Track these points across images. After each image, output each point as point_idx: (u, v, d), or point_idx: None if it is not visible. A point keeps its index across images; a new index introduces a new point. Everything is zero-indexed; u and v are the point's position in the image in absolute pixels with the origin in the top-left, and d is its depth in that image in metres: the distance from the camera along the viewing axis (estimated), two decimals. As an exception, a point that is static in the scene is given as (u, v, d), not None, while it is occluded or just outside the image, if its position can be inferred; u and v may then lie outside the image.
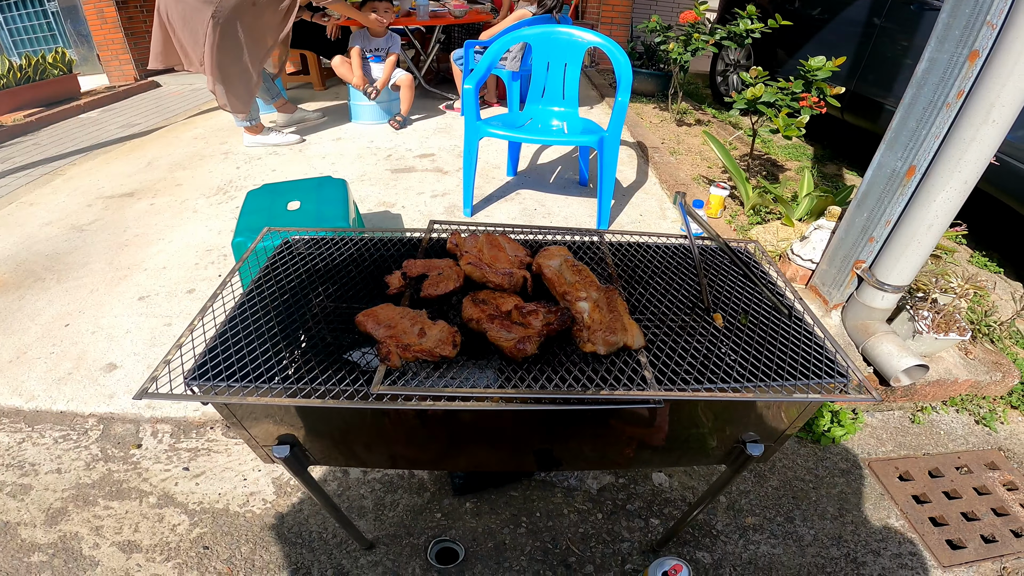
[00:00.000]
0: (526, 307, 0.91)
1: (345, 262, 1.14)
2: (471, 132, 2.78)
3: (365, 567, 1.50)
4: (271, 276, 1.07)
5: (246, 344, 0.90)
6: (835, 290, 2.24)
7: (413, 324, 0.89)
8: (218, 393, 0.82)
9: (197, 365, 0.85)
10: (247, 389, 0.82)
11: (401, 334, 0.87)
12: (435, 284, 0.98)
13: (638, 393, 0.82)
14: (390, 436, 0.97)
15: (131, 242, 2.90)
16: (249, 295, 1.01)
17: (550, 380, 0.84)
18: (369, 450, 1.01)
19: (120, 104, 5.71)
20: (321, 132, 4.50)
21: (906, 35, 3.26)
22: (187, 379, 0.83)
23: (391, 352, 0.83)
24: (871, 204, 1.96)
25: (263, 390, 0.81)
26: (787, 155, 4.28)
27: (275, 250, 1.16)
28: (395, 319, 0.90)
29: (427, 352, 0.83)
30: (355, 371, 0.85)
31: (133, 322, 2.30)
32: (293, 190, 2.25)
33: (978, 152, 1.60)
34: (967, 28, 1.56)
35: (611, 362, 0.90)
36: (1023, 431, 2.07)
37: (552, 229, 1.27)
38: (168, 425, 1.88)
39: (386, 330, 0.88)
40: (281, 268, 1.11)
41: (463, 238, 1.11)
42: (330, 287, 1.06)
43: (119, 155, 4.12)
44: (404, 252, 1.19)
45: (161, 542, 1.55)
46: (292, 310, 0.99)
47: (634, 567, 1.52)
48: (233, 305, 0.98)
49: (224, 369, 0.85)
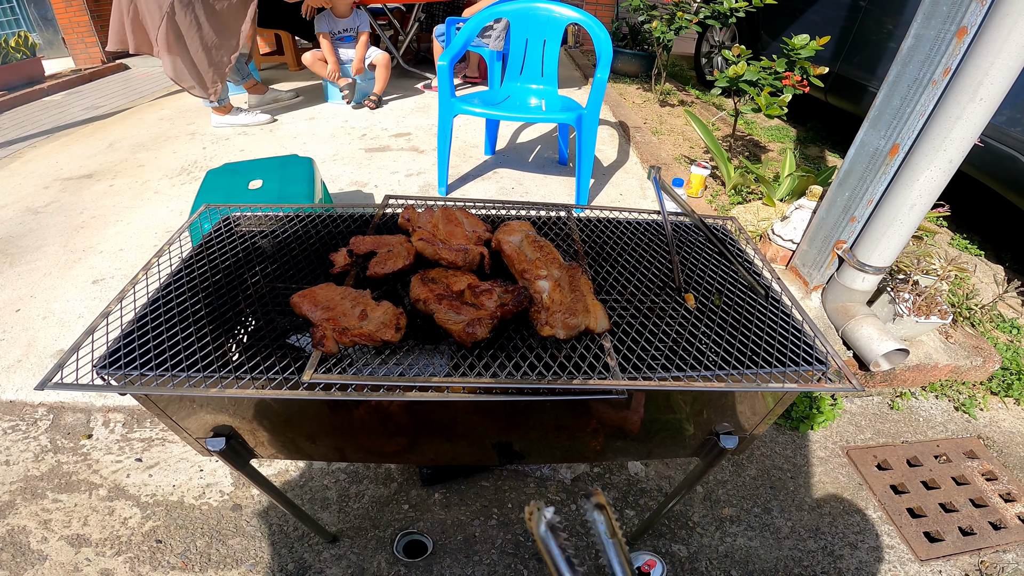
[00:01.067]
0: (480, 286, 0.83)
1: (288, 240, 1.05)
2: (445, 109, 2.67)
3: (328, 561, 1.44)
4: (203, 255, 0.97)
5: (167, 329, 0.81)
6: (815, 271, 2.19)
7: (354, 306, 0.80)
8: (132, 382, 0.73)
9: (109, 352, 0.76)
10: (167, 377, 0.73)
11: (340, 316, 0.78)
12: (382, 262, 0.90)
13: (599, 383, 0.74)
14: (333, 427, 0.90)
15: (87, 224, 2.76)
16: (176, 276, 0.92)
17: (503, 367, 0.77)
18: (313, 442, 0.93)
19: (85, 87, 5.49)
20: (294, 112, 4.35)
21: (891, 16, 3.22)
22: (97, 367, 0.74)
23: (326, 336, 0.75)
24: (853, 183, 1.90)
25: (182, 378, 0.73)
26: (770, 136, 4.23)
27: (212, 228, 1.06)
28: (335, 300, 0.81)
29: (367, 336, 0.75)
30: (287, 356, 0.77)
31: (86, 306, 2.18)
32: (256, 169, 2.13)
33: (964, 130, 1.55)
34: (955, 4, 1.51)
35: (571, 347, 0.83)
36: (1002, 418, 2.05)
37: (518, 204, 1.18)
38: (121, 414, 1.78)
39: (324, 312, 0.79)
40: (216, 247, 1.01)
41: (417, 213, 1.02)
42: (269, 266, 0.97)
43: (80, 137, 3.95)
44: (355, 229, 1.10)
45: (112, 536, 1.47)
46: (224, 291, 0.90)
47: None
48: (156, 287, 0.89)
49: (140, 356, 0.76)
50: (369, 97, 4.38)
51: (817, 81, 2.66)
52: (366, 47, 4.24)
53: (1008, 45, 1.41)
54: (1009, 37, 1.40)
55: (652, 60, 5.05)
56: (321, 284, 0.85)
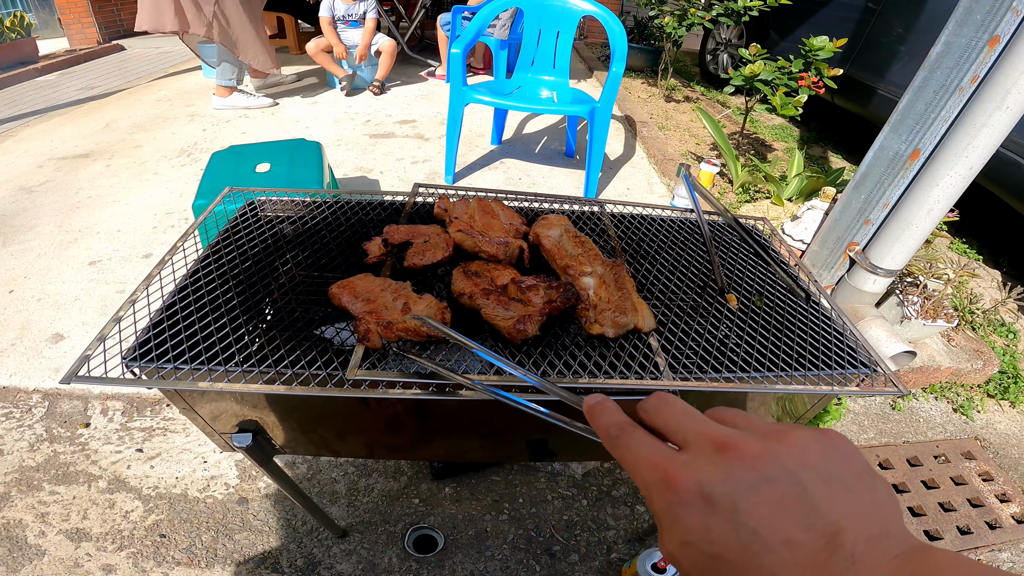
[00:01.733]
0: (525, 281, 0.80)
1: (318, 226, 1.01)
2: (456, 97, 2.62)
3: (338, 556, 1.41)
4: (231, 241, 0.93)
5: (199, 319, 0.77)
6: (826, 272, 2.19)
7: (396, 298, 0.77)
8: (164, 376, 0.69)
9: (139, 343, 0.72)
10: (199, 372, 0.70)
11: (382, 309, 0.75)
12: (420, 253, 0.86)
13: (651, 383, 0.72)
14: (368, 424, 0.87)
15: (83, 204, 2.67)
16: (204, 262, 0.87)
17: (553, 366, 0.74)
18: (343, 439, 0.90)
19: (80, 67, 5.35)
20: (296, 96, 4.26)
21: (904, 21, 3.20)
22: (126, 359, 0.70)
23: (370, 330, 0.71)
24: (870, 186, 1.90)
25: (219, 373, 0.69)
26: (774, 136, 4.23)
27: (237, 212, 1.01)
28: (375, 292, 0.78)
29: (412, 331, 0.72)
30: (327, 351, 0.73)
31: (83, 288, 2.11)
32: (262, 152, 2.07)
33: (988, 138, 1.56)
34: (990, 13, 1.52)
35: (619, 346, 0.80)
36: (998, 420, 2.08)
37: (548, 196, 1.15)
38: (120, 402, 1.73)
39: (364, 304, 0.76)
40: (244, 232, 0.97)
41: (452, 203, 0.98)
42: (300, 254, 0.93)
43: (75, 117, 3.83)
44: (385, 217, 1.06)
45: (113, 530, 1.42)
46: (255, 279, 0.86)
47: (619, 556, 1.46)
48: (184, 273, 0.84)
49: (172, 348, 0.72)
50: (372, 83, 4.30)
51: (831, 83, 2.66)
52: (372, 33, 4.15)
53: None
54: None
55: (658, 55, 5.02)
56: (359, 275, 0.81)
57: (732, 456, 0.27)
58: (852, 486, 0.27)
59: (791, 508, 0.25)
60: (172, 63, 5.39)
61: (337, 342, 0.82)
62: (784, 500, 0.26)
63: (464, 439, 0.90)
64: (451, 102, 2.65)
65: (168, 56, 5.74)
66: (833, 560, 0.24)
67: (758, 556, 0.25)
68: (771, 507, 0.25)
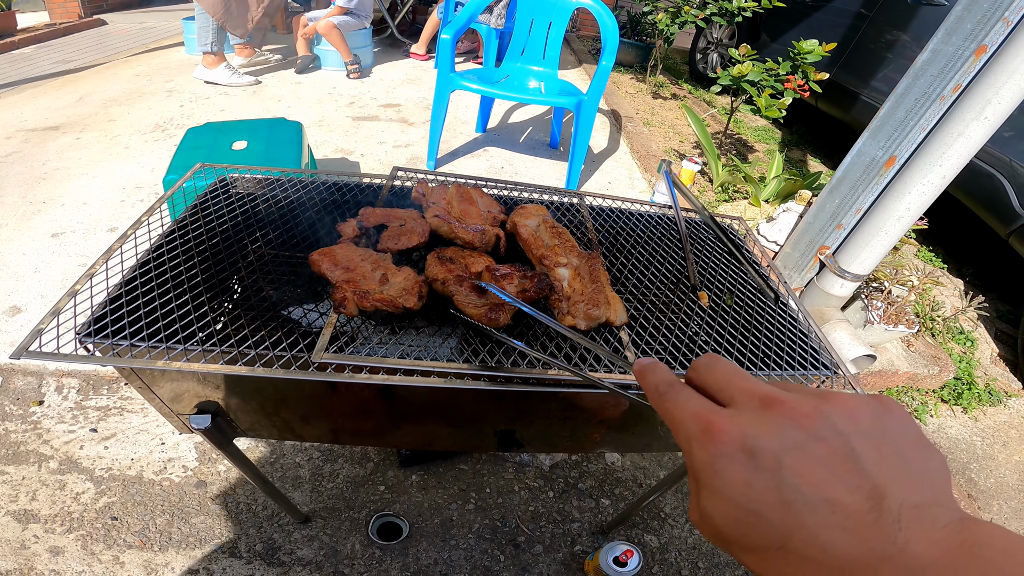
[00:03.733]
0: (499, 270, 0.79)
1: (292, 206, 0.98)
2: (443, 83, 2.58)
3: (299, 541, 1.39)
4: (199, 217, 0.90)
5: (159, 295, 0.74)
6: (796, 274, 2.24)
7: (375, 268, 0.76)
8: (119, 353, 0.67)
9: (94, 318, 0.69)
10: (157, 350, 0.67)
11: (360, 279, 0.74)
12: (395, 237, 0.85)
13: (621, 377, 0.72)
14: (334, 409, 0.85)
15: (50, 176, 2.57)
16: (169, 237, 0.84)
17: (523, 356, 0.74)
18: (307, 423, 0.88)
19: (59, 41, 5.12)
20: (279, 74, 4.15)
21: (894, 29, 3.25)
22: (80, 335, 0.67)
23: (347, 298, 0.70)
24: (844, 191, 1.94)
25: (177, 352, 0.66)
26: (756, 137, 4.29)
27: (207, 188, 0.98)
28: (355, 261, 0.77)
29: (388, 302, 0.71)
30: (294, 332, 0.71)
31: (43, 260, 2.02)
32: (240, 130, 2.01)
33: (963, 148, 1.59)
34: (981, 22, 1.53)
35: (590, 338, 0.80)
36: (950, 425, 2.17)
37: (528, 186, 1.14)
38: (76, 380, 1.67)
39: (343, 272, 0.74)
40: (213, 208, 0.93)
41: (431, 188, 0.97)
42: (271, 232, 0.90)
43: (49, 90, 3.68)
44: (361, 199, 1.04)
45: (62, 512, 1.38)
46: (222, 257, 0.83)
47: (583, 548, 1.48)
48: (147, 248, 0.81)
49: (129, 324, 0.69)
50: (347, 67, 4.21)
51: (816, 87, 2.70)
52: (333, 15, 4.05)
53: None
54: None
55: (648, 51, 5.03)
56: (340, 243, 0.80)
57: (779, 412, 0.27)
58: (904, 452, 0.26)
59: (837, 468, 0.25)
60: (154, 38, 5.20)
61: (305, 323, 0.80)
62: (831, 459, 0.25)
63: (432, 427, 0.89)
64: (437, 88, 2.61)
65: (150, 32, 5.54)
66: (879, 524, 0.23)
67: (800, 515, 0.24)
68: (816, 465, 0.25)
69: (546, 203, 1.13)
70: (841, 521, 0.23)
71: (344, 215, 0.96)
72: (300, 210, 0.97)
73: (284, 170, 1.07)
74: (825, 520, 0.24)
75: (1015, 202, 2.44)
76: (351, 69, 4.18)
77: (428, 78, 4.42)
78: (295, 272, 0.84)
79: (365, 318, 0.76)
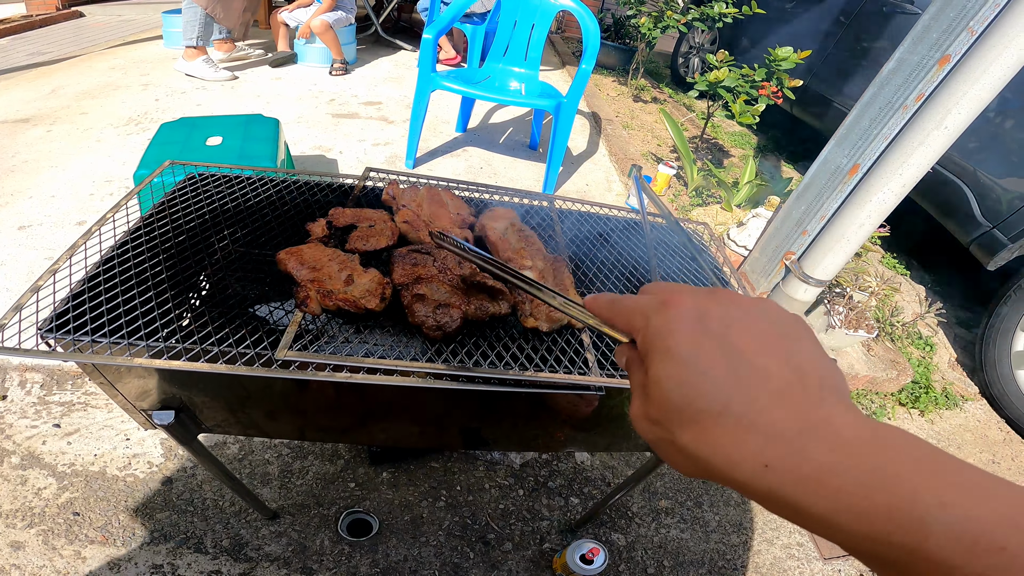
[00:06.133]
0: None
1: (261, 204, 0.99)
2: (424, 83, 2.59)
3: (267, 537, 1.39)
4: (166, 214, 0.90)
5: (123, 291, 0.74)
6: (763, 279, 2.30)
7: (341, 269, 0.77)
8: (81, 349, 0.67)
9: (56, 314, 0.69)
10: (119, 346, 0.67)
11: (326, 278, 0.75)
12: (364, 238, 0.86)
13: (579, 378, 0.75)
14: (298, 406, 0.86)
15: (18, 168, 2.52)
16: (135, 233, 0.84)
17: (485, 356, 0.76)
18: (273, 419, 0.89)
19: (34, 32, 4.96)
20: (259, 70, 4.09)
21: (870, 37, 3.31)
22: (42, 330, 0.67)
23: (310, 297, 0.71)
24: (810, 198, 2.01)
25: (139, 348, 0.67)
26: (733, 142, 4.38)
27: (176, 185, 0.98)
28: (322, 261, 0.78)
29: (351, 302, 0.72)
30: (259, 330, 0.73)
31: (9, 253, 1.98)
32: (216, 125, 1.99)
33: (923, 156, 1.63)
34: (946, 31, 1.55)
35: (552, 340, 0.83)
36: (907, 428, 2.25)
37: (500, 189, 1.17)
38: (39, 375, 1.64)
39: (309, 272, 0.76)
40: (181, 205, 0.93)
41: (401, 189, 0.98)
42: (239, 231, 0.90)
43: (20, 82, 3.58)
44: (332, 199, 1.05)
45: (23, 507, 1.35)
46: (188, 254, 0.83)
47: (552, 546, 1.51)
48: (112, 244, 0.81)
49: (92, 320, 0.69)
50: (333, 65, 4.17)
51: (790, 94, 2.77)
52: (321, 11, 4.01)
53: (985, 76, 1.47)
54: (988, 69, 1.46)
55: (631, 54, 5.08)
56: (309, 243, 0.81)
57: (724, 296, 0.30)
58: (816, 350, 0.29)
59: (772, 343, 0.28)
60: (132, 31, 5.07)
61: (272, 321, 0.81)
62: (767, 335, 0.28)
63: (396, 425, 0.91)
64: (418, 87, 2.61)
65: (129, 24, 5.41)
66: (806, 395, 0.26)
67: (740, 378, 0.26)
68: (755, 338, 0.28)
69: (517, 207, 1.15)
70: (775, 387, 0.26)
71: (314, 214, 0.97)
72: (269, 209, 0.98)
73: (256, 168, 1.07)
74: (761, 384, 0.26)
75: (977, 211, 2.52)
76: (336, 68, 4.14)
77: (410, 76, 4.41)
78: (262, 271, 0.85)
79: (331, 316, 0.78)
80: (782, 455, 0.25)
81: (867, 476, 0.24)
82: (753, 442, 0.26)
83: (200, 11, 3.47)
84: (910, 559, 0.23)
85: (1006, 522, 0.21)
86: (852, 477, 0.24)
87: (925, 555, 0.22)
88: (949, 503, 0.22)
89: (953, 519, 0.22)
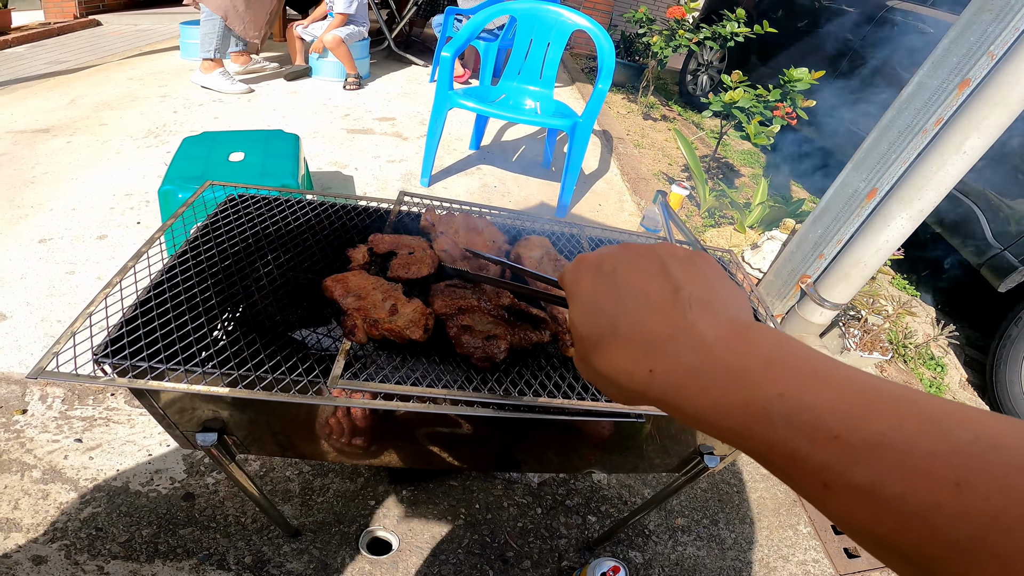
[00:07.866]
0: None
1: (300, 228, 1.01)
2: (441, 101, 2.62)
3: (289, 555, 1.39)
4: (210, 236, 0.91)
5: (175, 316, 0.75)
6: (778, 301, 2.32)
7: (385, 298, 0.79)
8: (136, 376, 0.68)
9: (110, 340, 0.70)
10: (179, 372, 0.69)
11: (371, 307, 0.76)
12: (406, 266, 0.88)
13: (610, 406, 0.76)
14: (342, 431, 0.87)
15: (39, 180, 2.54)
16: (182, 257, 0.86)
17: (529, 385, 0.77)
18: (313, 443, 0.90)
19: (52, 41, 5.05)
20: (274, 83, 4.15)
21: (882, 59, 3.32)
22: (97, 356, 0.68)
23: (357, 326, 0.73)
24: (827, 221, 2.02)
25: (196, 375, 0.68)
26: (742, 161, 4.41)
27: (218, 206, 1.00)
28: (367, 289, 0.79)
29: (396, 332, 0.74)
30: (308, 358, 0.74)
31: (30, 267, 2.00)
32: (237, 140, 2.02)
33: (942, 181, 1.63)
34: (966, 56, 1.55)
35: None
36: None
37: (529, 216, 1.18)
38: (60, 389, 1.65)
39: (355, 300, 0.77)
40: (224, 228, 0.95)
41: (438, 216, 1.00)
42: (281, 255, 0.92)
43: (40, 91, 3.63)
44: (369, 223, 1.07)
45: (45, 521, 1.36)
46: (234, 278, 0.85)
47: (570, 564, 1.51)
48: (161, 268, 0.83)
49: (146, 347, 0.71)
50: (347, 79, 4.23)
51: (804, 114, 2.80)
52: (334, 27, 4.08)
53: (1005, 100, 1.47)
54: (1010, 93, 1.46)
55: (641, 72, 5.14)
56: (353, 270, 0.82)
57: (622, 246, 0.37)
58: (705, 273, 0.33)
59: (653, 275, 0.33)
60: (148, 41, 5.16)
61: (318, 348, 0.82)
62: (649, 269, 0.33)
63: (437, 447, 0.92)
64: (435, 105, 2.65)
65: (145, 34, 5.50)
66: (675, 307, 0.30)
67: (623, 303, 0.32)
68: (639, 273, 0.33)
69: (546, 233, 1.17)
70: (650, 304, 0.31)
71: (352, 239, 0.99)
72: (309, 233, 0.99)
73: (291, 191, 1.09)
74: (639, 305, 0.31)
75: (988, 233, 2.53)
76: (350, 82, 4.20)
77: (422, 91, 4.47)
78: (305, 295, 0.87)
79: (376, 345, 0.79)
80: (659, 359, 0.29)
81: (725, 374, 0.26)
82: (637, 352, 0.30)
83: (219, 23, 3.52)
84: (769, 452, 0.24)
85: (835, 410, 0.22)
86: (714, 376, 0.27)
87: (780, 447, 0.23)
88: (786, 394, 0.24)
89: (789, 408, 0.23)
